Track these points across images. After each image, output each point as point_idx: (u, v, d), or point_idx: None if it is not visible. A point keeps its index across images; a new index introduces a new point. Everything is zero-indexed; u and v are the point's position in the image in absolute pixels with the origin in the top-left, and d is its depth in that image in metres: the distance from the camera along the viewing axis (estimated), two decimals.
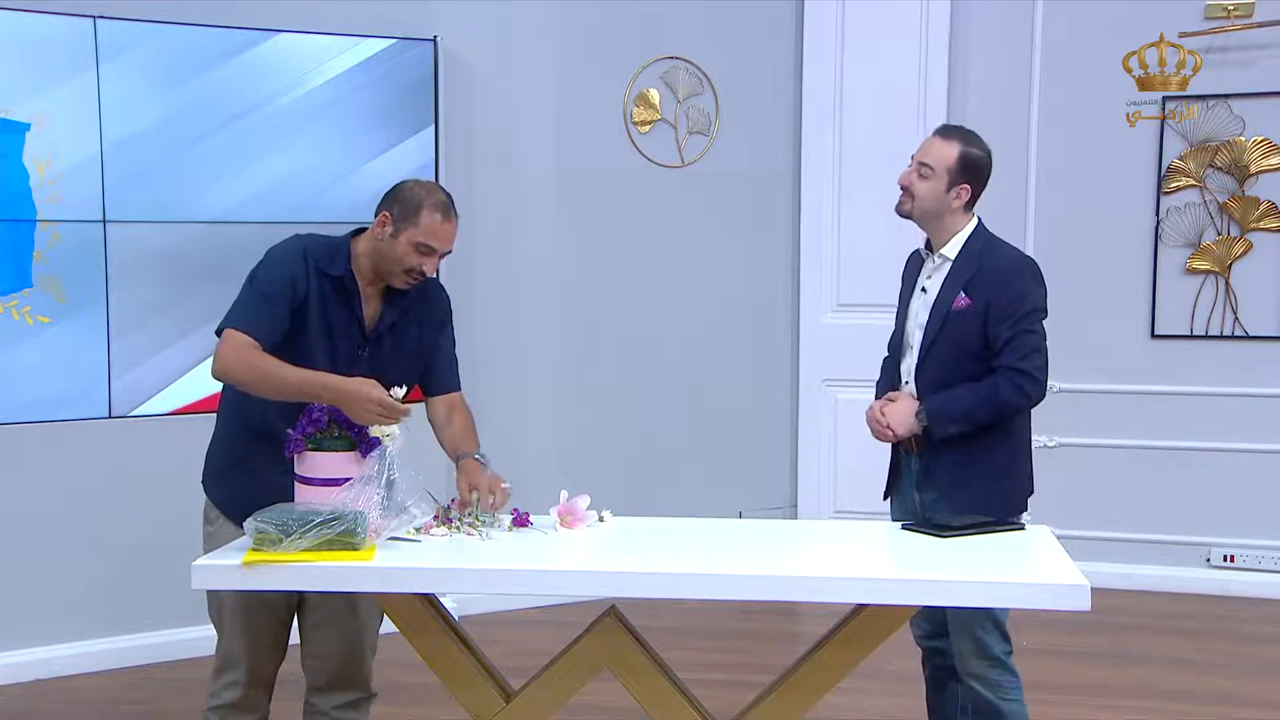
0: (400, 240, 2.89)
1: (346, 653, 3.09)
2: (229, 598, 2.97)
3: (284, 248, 2.95)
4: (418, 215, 2.88)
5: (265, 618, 3.01)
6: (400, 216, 2.89)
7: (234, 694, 3.03)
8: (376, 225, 2.93)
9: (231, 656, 3.03)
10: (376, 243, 2.93)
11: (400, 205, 2.90)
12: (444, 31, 5.06)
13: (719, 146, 5.72)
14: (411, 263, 2.90)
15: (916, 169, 3.18)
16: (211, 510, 3.04)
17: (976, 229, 3.20)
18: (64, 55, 4.46)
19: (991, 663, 3.09)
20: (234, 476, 2.99)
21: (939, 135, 3.21)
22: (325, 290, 2.91)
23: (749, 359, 5.83)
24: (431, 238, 2.89)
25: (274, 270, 2.89)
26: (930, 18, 5.63)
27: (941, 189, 3.14)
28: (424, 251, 2.90)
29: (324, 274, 2.90)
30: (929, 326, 3.17)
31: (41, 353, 4.47)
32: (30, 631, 4.55)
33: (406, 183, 2.99)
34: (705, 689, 3.17)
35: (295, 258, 2.90)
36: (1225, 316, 5.55)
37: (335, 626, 3.06)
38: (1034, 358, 3.07)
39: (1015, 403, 3.08)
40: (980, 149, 3.18)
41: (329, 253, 2.94)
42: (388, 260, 2.91)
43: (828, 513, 5.77)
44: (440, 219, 2.90)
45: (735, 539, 3.00)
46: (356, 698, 3.14)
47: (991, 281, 3.10)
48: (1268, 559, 5.54)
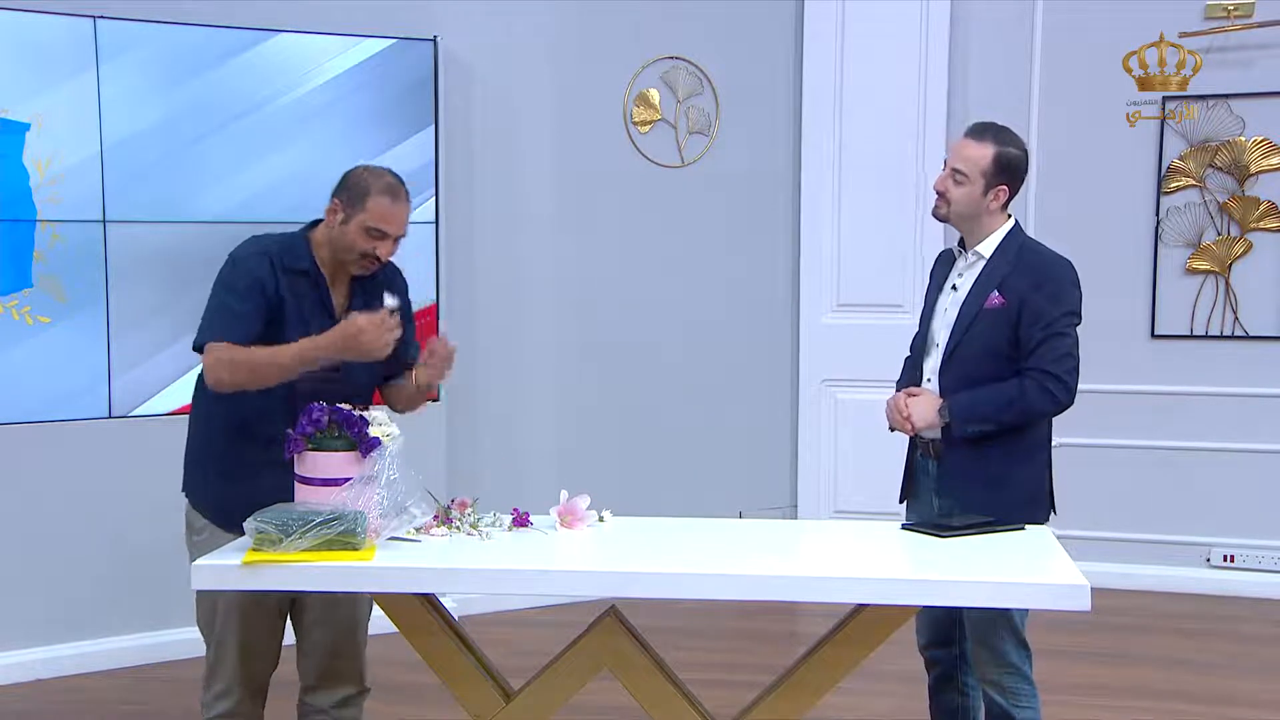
0: (351, 226, 2.90)
1: (339, 647, 3.08)
2: (223, 601, 2.95)
3: (246, 252, 2.94)
4: (365, 200, 2.89)
5: (260, 619, 2.99)
6: (349, 203, 2.90)
7: (227, 704, 3.01)
8: (328, 214, 2.94)
9: (224, 663, 3.00)
10: (330, 233, 2.94)
11: (348, 192, 2.91)
12: (444, 31, 5.06)
13: (719, 146, 5.72)
14: (364, 248, 2.91)
15: (950, 174, 3.09)
16: (197, 519, 3.02)
17: (1013, 229, 3.13)
18: (64, 55, 4.46)
19: (1007, 670, 3.06)
20: (219, 483, 2.97)
21: (971, 137, 3.12)
22: (295, 286, 2.92)
23: (749, 359, 5.83)
24: (381, 221, 2.89)
25: (241, 276, 2.89)
26: (930, 18, 5.63)
27: (978, 193, 3.07)
28: (375, 236, 2.90)
29: (290, 270, 2.91)
30: (957, 324, 3.11)
31: (41, 353, 4.47)
32: (30, 631, 4.56)
33: (355, 169, 2.98)
34: (705, 689, 3.17)
35: (259, 260, 2.90)
36: (1225, 316, 5.56)
37: (329, 622, 3.06)
38: (1065, 361, 3.01)
39: (1041, 406, 3.02)
40: (1016, 146, 3.10)
41: (290, 249, 2.94)
42: (342, 247, 2.92)
43: (828, 513, 5.77)
44: (389, 202, 2.90)
45: (735, 539, 3.00)
46: (351, 693, 3.13)
47: (1027, 281, 3.04)
48: (1268, 559, 5.54)
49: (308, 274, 2.93)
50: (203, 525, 3.00)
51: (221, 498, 2.94)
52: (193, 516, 3.03)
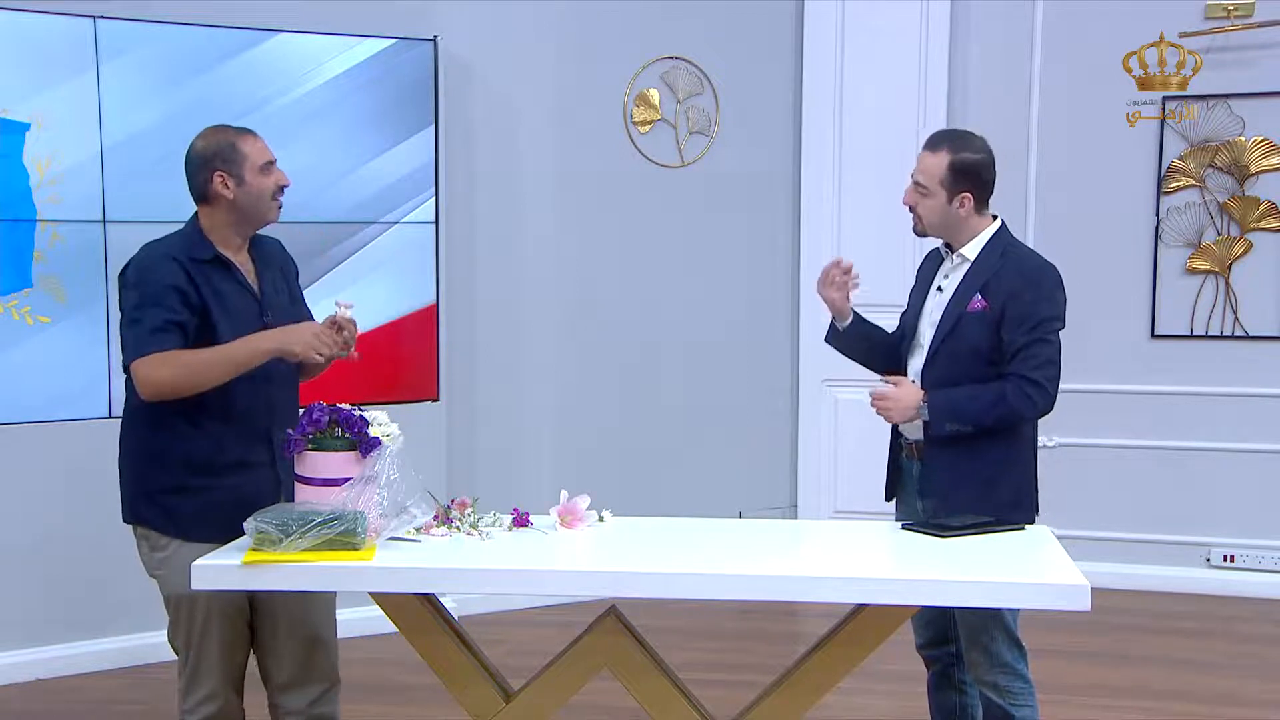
0: (248, 178, 2.94)
1: (304, 645, 3.06)
2: (201, 606, 2.92)
3: (147, 261, 2.92)
4: (237, 150, 2.94)
5: (234, 621, 2.98)
6: (226, 165, 2.93)
7: (212, 707, 2.99)
8: (218, 189, 2.93)
9: (206, 668, 2.97)
10: (233, 202, 2.94)
11: (219, 158, 2.93)
12: (444, 31, 5.06)
13: (719, 146, 5.72)
14: (270, 184, 2.97)
15: (914, 187, 3.09)
16: (159, 539, 2.96)
17: (999, 231, 3.12)
18: (64, 55, 4.46)
19: (1003, 670, 3.06)
20: (175, 497, 2.93)
21: (926, 148, 3.10)
22: (209, 278, 2.91)
23: (749, 359, 5.83)
24: (263, 155, 2.98)
25: (151, 286, 2.86)
26: (930, 18, 5.63)
27: (942, 203, 3.06)
28: (270, 169, 2.98)
29: (198, 261, 2.91)
30: (941, 326, 3.10)
31: (41, 353, 4.47)
32: (30, 631, 4.56)
33: (195, 144, 2.99)
34: (705, 689, 3.17)
35: (165, 264, 2.89)
36: (1225, 316, 5.55)
37: (287, 621, 3.03)
38: (1046, 368, 3.00)
39: (1021, 411, 3.01)
40: (972, 150, 3.06)
41: (189, 243, 2.95)
42: (256, 203, 2.96)
43: (828, 513, 5.77)
44: (253, 137, 2.99)
45: (735, 539, 3.00)
46: (323, 690, 3.10)
47: (1010, 285, 3.03)
48: (1268, 559, 5.54)
49: (217, 259, 2.94)
50: (166, 542, 2.95)
51: (187, 510, 2.92)
52: (152, 538, 2.97)
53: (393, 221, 4.96)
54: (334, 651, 3.14)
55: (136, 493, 3.00)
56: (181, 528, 2.93)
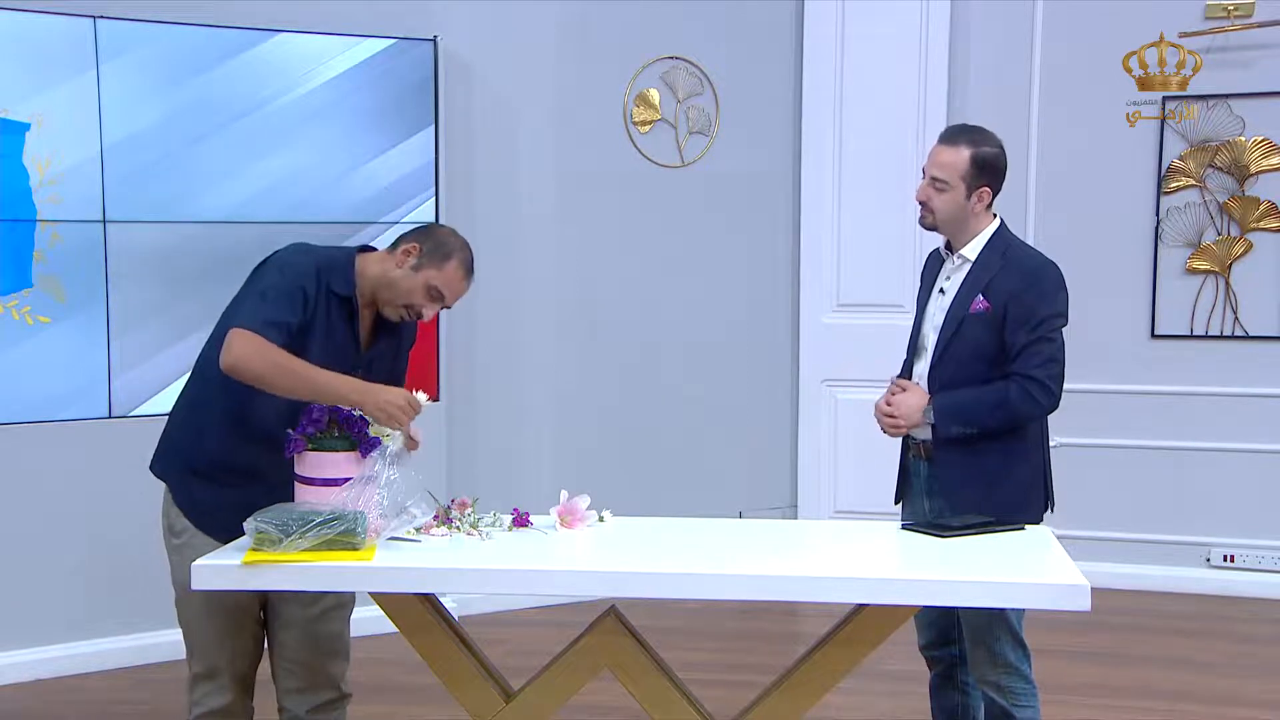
0: (419, 277, 2.89)
1: (314, 654, 3.05)
2: (201, 605, 2.91)
3: (297, 259, 2.92)
4: (446, 261, 2.90)
5: (240, 618, 2.97)
6: (429, 254, 2.90)
7: (219, 700, 2.99)
8: (400, 254, 2.91)
9: (210, 665, 2.98)
10: (390, 270, 2.92)
11: (433, 243, 2.91)
12: (444, 31, 5.06)
13: (719, 146, 5.72)
14: (418, 301, 2.91)
15: (930, 183, 3.08)
16: (179, 519, 2.97)
17: (999, 230, 3.12)
18: (64, 55, 4.46)
19: (1006, 670, 3.05)
20: (211, 486, 2.93)
21: (945, 143, 3.09)
22: (331, 308, 2.90)
23: (749, 359, 5.83)
24: (448, 287, 2.91)
25: (289, 281, 2.86)
26: (930, 18, 5.63)
27: (961, 198, 3.06)
28: (434, 297, 2.91)
29: (331, 292, 2.89)
30: (944, 328, 3.10)
31: (41, 353, 4.47)
32: (30, 631, 4.55)
33: (444, 227, 3.03)
34: (705, 689, 3.17)
35: (309, 272, 2.88)
36: (1225, 316, 5.56)
37: (300, 628, 3.03)
38: (1049, 367, 3.00)
39: (1025, 411, 3.01)
40: (990, 144, 3.08)
41: (338, 271, 2.92)
42: (395, 290, 2.91)
43: (828, 513, 5.77)
44: (463, 275, 2.94)
45: (735, 539, 3.00)
46: (329, 699, 3.09)
47: (1013, 284, 3.03)
48: (1268, 559, 5.54)
49: (348, 301, 2.92)
50: (184, 528, 2.96)
51: (216, 502, 2.91)
52: (175, 517, 2.98)
53: (393, 221, 4.96)
54: (346, 664, 3.13)
55: (183, 457, 2.99)
56: (205, 518, 2.92)
